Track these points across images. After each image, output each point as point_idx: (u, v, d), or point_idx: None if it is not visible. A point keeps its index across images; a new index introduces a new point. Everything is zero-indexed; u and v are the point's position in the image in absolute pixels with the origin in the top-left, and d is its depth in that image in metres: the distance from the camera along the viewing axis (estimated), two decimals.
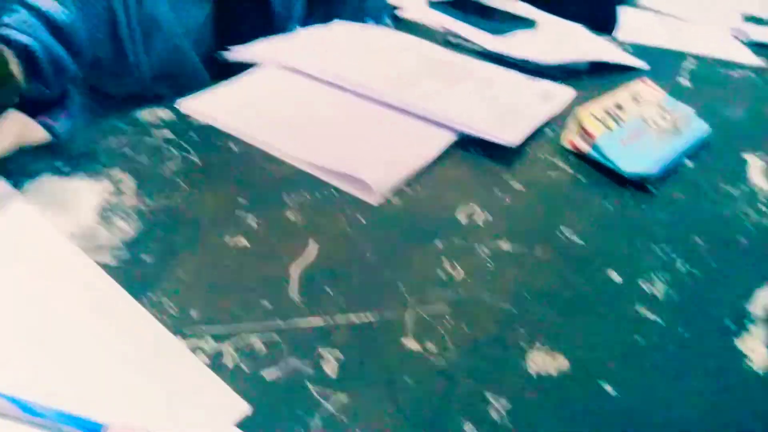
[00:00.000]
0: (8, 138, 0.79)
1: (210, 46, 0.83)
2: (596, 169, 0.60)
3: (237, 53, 0.73)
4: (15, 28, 0.60)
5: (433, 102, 0.65)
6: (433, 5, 1.00)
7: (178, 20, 0.78)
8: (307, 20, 1.16)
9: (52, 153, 0.52)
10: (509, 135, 0.60)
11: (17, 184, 0.47)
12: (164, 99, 0.83)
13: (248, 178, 0.53)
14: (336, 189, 0.52)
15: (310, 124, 0.61)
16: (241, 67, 0.71)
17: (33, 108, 0.91)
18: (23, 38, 0.60)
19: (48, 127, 0.91)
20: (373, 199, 0.51)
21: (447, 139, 0.61)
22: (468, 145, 0.61)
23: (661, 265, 0.48)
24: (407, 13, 0.97)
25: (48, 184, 0.47)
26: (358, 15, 1.12)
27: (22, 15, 0.62)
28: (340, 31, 0.86)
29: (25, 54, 0.60)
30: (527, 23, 0.96)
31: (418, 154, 0.58)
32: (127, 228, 0.44)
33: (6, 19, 0.61)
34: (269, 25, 0.89)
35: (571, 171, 0.61)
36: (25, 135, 0.84)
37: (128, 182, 0.49)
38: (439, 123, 0.62)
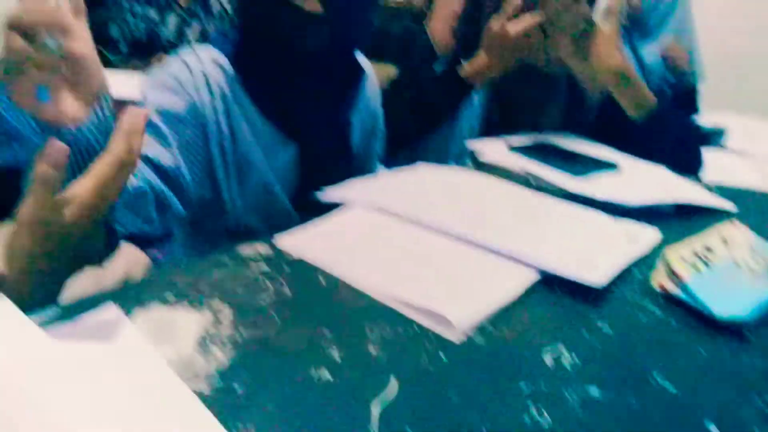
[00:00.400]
0: (122, 267, 0.87)
1: (295, 184, 0.90)
2: (688, 312, 0.58)
3: (328, 194, 0.79)
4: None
5: (516, 240, 0.66)
6: (513, 149, 1.05)
7: (268, 160, 0.86)
8: (391, 163, 1.24)
9: (161, 283, 0.56)
10: (595, 275, 0.60)
11: (129, 311, 0.51)
12: (260, 234, 0.89)
13: (334, 312, 0.55)
14: (418, 325, 0.53)
15: (395, 260, 0.64)
16: (328, 204, 0.76)
17: (142, 240, 1.01)
18: (136, 182, 0.69)
19: (155, 260, 1.00)
20: (455, 337, 0.52)
21: (530, 277, 0.61)
22: (552, 284, 0.61)
23: (763, 418, 0.45)
24: (488, 156, 1.02)
25: (155, 312, 0.51)
26: (440, 158, 1.19)
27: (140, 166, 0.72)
28: (423, 172, 0.91)
29: (136, 197, 0.69)
30: (610, 166, 0.98)
31: (501, 292, 0.58)
32: (222, 357, 0.47)
33: None
34: (349, 165, 0.97)
35: (661, 314, 0.59)
36: (136, 265, 0.93)
37: (226, 313, 0.52)
38: (523, 261, 0.63)
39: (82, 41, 0.51)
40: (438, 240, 0.68)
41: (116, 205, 0.62)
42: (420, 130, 1.18)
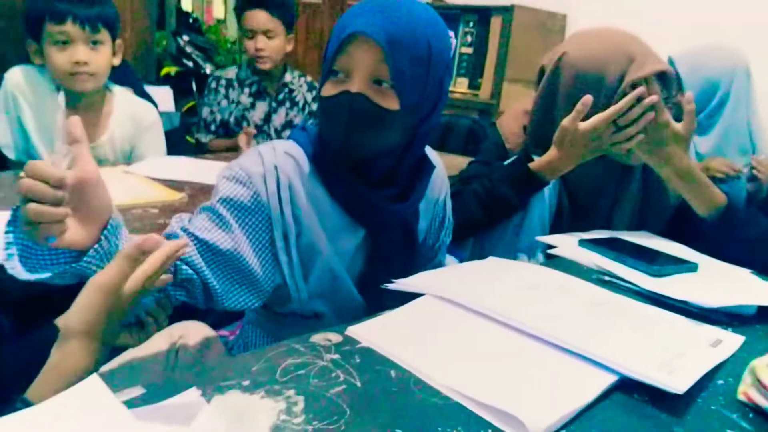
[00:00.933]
0: (194, 339, 0.91)
1: (361, 269, 0.92)
2: None
3: (399, 284, 0.80)
4: (183, 260, 0.77)
5: (592, 341, 0.65)
6: (582, 243, 1.04)
7: (334, 245, 0.89)
8: (459, 253, 1.25)
9: (239, 369, 0.58)
10: (675, 381, 0.58)
11: (208, 396, 0.53)
12: (327, 318, 0.91)
13: (405, 408, 0.54)
14: (491, 426, 0.52)
15: (468, 356, 0.63)
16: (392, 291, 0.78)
17: (214, 322, 1.04)
18: (187, 270, 0.77)
19: (226, 341, 1.02)
20: None
21: (607, 380, 0.59)
22: (630, 389, 0.59)
23: None
24: (560, 250, 1.01)
25: (232, 398, 0.53)
26: (509, 250, 1.19)
27: (192, 248, 0.79)
28: (495, 266, 0.91)
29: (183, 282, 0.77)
30: (689, 266, 0.95)
31: (576, 395, 0.57)
32: None
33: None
34: (415, 253, 0.98)
35: (749, 427, 0.55)
36: (207, 343, 0.96)
37: (299, 403, 0.53)
38: (599, 363, 0.62)
39: (83, 168, 0.61)
40: (512, 337, 0.67)
41: (168, 285, 0.74)
42: (488, 221, 1.19)
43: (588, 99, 1.04)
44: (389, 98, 0.80)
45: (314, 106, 2.16)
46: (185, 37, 3.97)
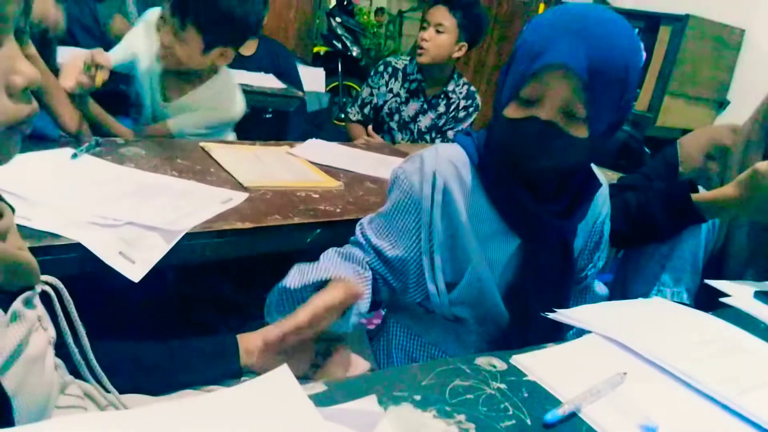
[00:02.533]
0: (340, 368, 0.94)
1: (510, 279, 0.90)
2: None
3: (562, 316, 0.77)
4: (370, 267, 0.87)
5: None
6: (759, 296, 0.95)
7: (485, 250, 0.88)
8: (602, 276, 1.18)
9: (410, 381, 0.59)
10: None
11: (383, 403, 0.54)
12: (468, 323, 0.91)
13: None
14: None
15: (646, 412, 0.59)
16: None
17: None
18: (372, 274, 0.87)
19: (366, 331, 1.05)
20: None
21: None
22: None
23: None
24: (734, 300, 0.93)
25: (406, 411, 0.54)
26: (652, 283, 1.12)
27: (372, 256, 0.87)
28: (664, 310, 0.86)
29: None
30: None
31: None
32: None
33: (363, 256, 0.87)
34: (568, 272, 0.94)
35: None
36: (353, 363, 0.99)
37: (471, 431, 0.53)
38: None
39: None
40: (690, 397, 0.63)
41: None
42: (629, 237, 1.13)
43: None
44: (579, 127, 0.78)
45: (461, 114, 2.09)
46: (338, 19, 4.09)
